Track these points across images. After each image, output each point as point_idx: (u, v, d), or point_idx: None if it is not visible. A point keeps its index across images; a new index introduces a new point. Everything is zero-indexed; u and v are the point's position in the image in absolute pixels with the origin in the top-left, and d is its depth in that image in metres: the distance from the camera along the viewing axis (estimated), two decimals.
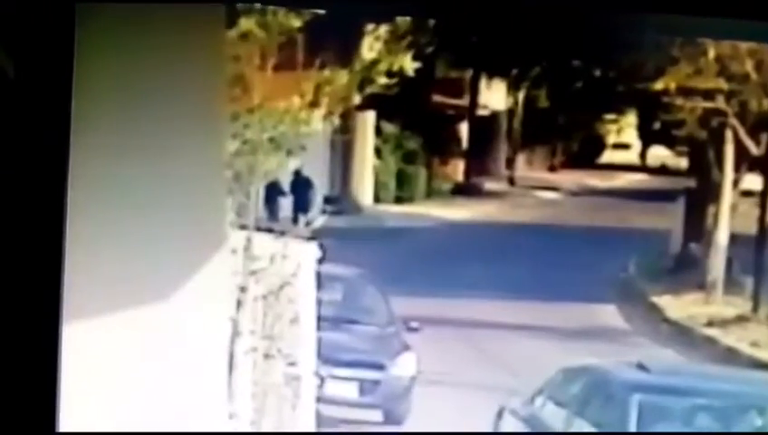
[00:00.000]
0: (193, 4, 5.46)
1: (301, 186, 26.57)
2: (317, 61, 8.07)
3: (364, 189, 38.02)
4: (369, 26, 8.72)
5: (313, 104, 8.63)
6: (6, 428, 4.69)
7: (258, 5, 8.05)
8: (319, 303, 9.93)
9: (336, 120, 10.09)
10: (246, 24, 7.76)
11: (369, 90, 9.10)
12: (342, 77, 8.76)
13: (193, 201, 5.81)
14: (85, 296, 5.50)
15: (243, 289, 8.54)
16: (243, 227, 8.61)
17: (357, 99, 9.40)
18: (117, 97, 5.63)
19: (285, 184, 24.90)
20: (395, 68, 9.10)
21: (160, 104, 5.71)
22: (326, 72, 8.42)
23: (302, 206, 25.32)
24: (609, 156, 64.41)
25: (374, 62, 9.00)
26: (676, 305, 23.07)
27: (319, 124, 9.05)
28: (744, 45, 21.96)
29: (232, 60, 7.49)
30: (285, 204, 25.30)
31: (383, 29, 9.12)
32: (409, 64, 9.19)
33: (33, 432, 4.72)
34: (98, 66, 5.50)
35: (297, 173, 25.46)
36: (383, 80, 9.13)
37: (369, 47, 9.18)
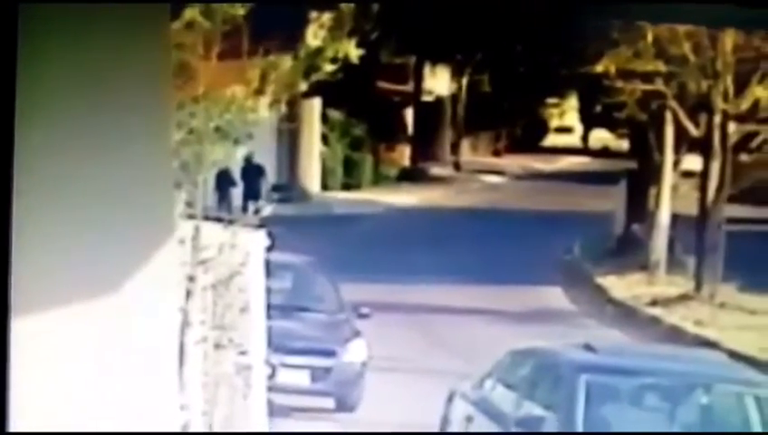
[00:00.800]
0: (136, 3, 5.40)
1: (252, 172, 26.41)
2: (261, 48, 7.99)
3: (312, 177, 37.95)
4: (314, 14, 8.65)
5: (259, 92, 8.56)
6: None
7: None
8: (268, 291, 9.86)
9: (282, 108, 9.99)
10: (190, 13, 7.68)
11: (314, 77, 9.03)
12: (287, 63, 8.69)
13: (140, 192, 5.74)
14: (33, 290, 5.41)
15: (191, 279, 8.45)
16: (191, 217, 8.52)
17: (303, 86, 9.31)
18: (61, 89, 5.55)
19: (235, 172, 24.75)
20: (339, 54, 9.04)
21: (105, 95, 5.63)
22: (271, 59, 8.34)
23: (252, 193, 25.19)
24: (552, 139, 64.77)
25: (319, 50, 8.92)
26: (621, 286, 23.18)
27: (265, 112, 8.97)
28: (682, 28, 22.05)
29: (176, 49, 7.41)
30: (236, 192, 25.16)
31: (327, 16, 9.05)
32: (354, 51, 9.13)
33: None
34: (42, 57, 5.42)
35: (248, 160, 25.29)
36: (328, 67, 9.06)
37: (314, 35, 9.11)
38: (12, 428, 5.03)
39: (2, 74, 4.73)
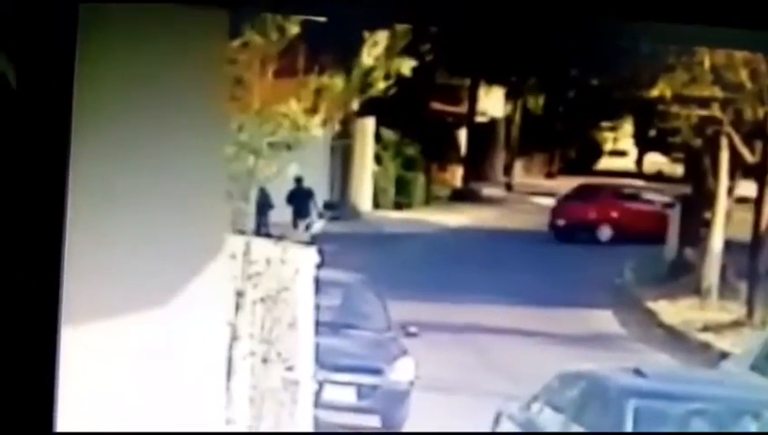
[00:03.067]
0: (195, 8, 5.42)
1: (300, 196, 26.45)
2: (316, 67, 8.04)
3: (363, 195, 37.98)
4: (368, 33, 8.69)
5: (313, 110, 8.60)
6: (5, 428, 4.66)
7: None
8: (317, 308, 9.88)
9: (336, 126, 10.03)
10: (248, 32, 7.74)
11: (368, 94, 9.07)
12: (341, 83, 8.73)
13: (192, 206, 5.77)
14: (84, 301, 5.46)
15: (241, 294, 8.49)
16: (241, 232, 8.56)
17: (355, 104, 9.37)
18: (117, 101, 5.60)
19: (280, 192, 24.77)
20: (392, 71, 9.07)
21: (161, 108, 5.67)
22: (325, 78, 8.38)
23: (301, 214, 25.23)
24: (605, 163, 64.29)
25: (372, 68, 8.96)
26: (672, 311, 23.03)
27: (318, 130, 9.01)
28: (739, 54, 21.94)
29: (232, 65, 7.47)
30: (274, 213, 25.15)
31: (382, 35, 9.08)
32: (407, 67, 9.16)
33: (31, 433, 4.68)
34: (99, 71, 5.46)
35: (298, 181, 25.37)
36: (381, 83, 9.10)
37: (368, 53, 9.14)
38: None
39: (60, 84, 4.77)
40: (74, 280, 5.32)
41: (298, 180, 25.09)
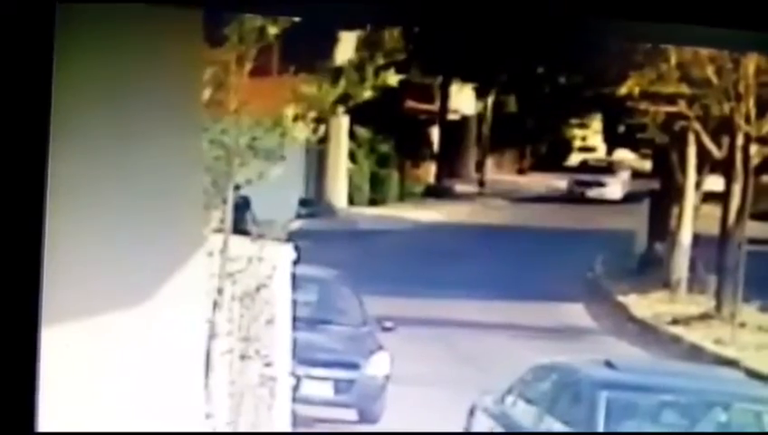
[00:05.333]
0: (174, 8, 5.38)
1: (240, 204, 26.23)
2: (292, 68, 8.03)
3: (338, 192, 38.02)
4: (342, 34, 8.68)
5: (299, 118, 8.58)
6: None
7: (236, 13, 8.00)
8: (294, 304, 9.86)
9: (312, 126, 10.03)
10: (228, 33, 7.73)
11: (351, 103, 9.09)
12: (325, 90, 8.73)
13: (170, 205, 5.74)
14: (63, 298, 5.42)
15: (219, 291, 8.47)
16: (219, 230, 8.54)
17: (340, 111, 9.37)
18: (94, 100, 5.55)
19: (259, 193, 24.71)
20: (378, 83, 9.10)
21: (139, 107, 5.63)
22: (305, 88, 8.38)
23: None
24: (575, 158, 64.60)
25: (360, 79, 8.96)
26: (642, 304, 23.11)
27: (300, 132, 9.00)
28: (705, 51, 22.01)
29: (209, 64, 7.43)
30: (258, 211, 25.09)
31: (356, 36, 9.07)
32: (394, 80, 9.20)
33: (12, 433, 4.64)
34: (76, 71, 5.42)
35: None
36: (367, 93, 9.11)
37: (344, 56, 9.13)
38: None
39: (38, 83, 4.73)
40: (53, 279, 5.28)
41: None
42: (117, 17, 5.31)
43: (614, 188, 39.30)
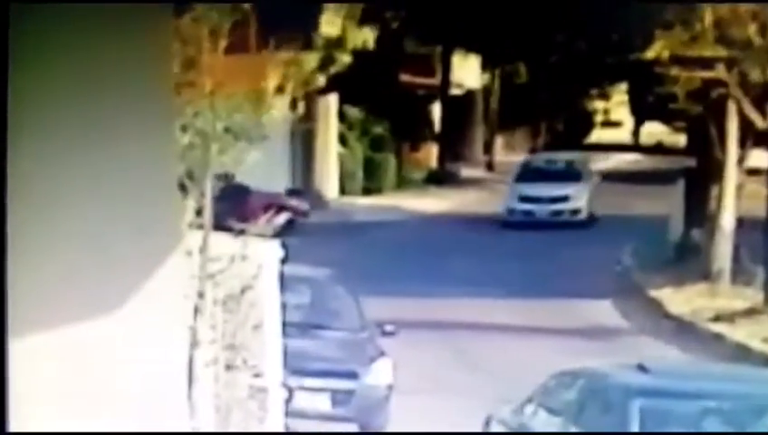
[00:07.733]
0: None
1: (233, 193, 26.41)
2: (272, 42, 8.19)
3: (329, 181, 38.17)
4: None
5: (280, 90, 8.72)
6: None
7: None
8: (284, 307, 10.03)
9: (297, 107, 10.12)
10: (197, 6, 7.88)
11: (332, 69, 9.25)
12: (303, 59, 8.86)
13: (143, 201, 5.91)
14: (30, 307, 5.61)
15: (200, 294, 8.64)
16: (199, 227, 8.71)
17: (321, 81, 9.54)
18: (55, 91, 5.74)
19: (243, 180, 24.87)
20: (358, 44, 9.24)
21: (102, 97, 5.81)
22: (284, 54, 8.51)
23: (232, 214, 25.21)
24: (598, 135, 64.67)
25: (336, 41, 9.12)
26: (679, 299, 23.25)
27: (280, 111, 9.14)
28: (744, 7, 22.11)
29: (181, 43, 7.61)
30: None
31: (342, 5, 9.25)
32: (371, 38, 9.34)
33: None
34: (34, 59, 5.62)
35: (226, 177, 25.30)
36: (346, 58, 9.27)
37: (330, 23, 9.32)
38: None
39: None
40: (18, 286, 5.48)
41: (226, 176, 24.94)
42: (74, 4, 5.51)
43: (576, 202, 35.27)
